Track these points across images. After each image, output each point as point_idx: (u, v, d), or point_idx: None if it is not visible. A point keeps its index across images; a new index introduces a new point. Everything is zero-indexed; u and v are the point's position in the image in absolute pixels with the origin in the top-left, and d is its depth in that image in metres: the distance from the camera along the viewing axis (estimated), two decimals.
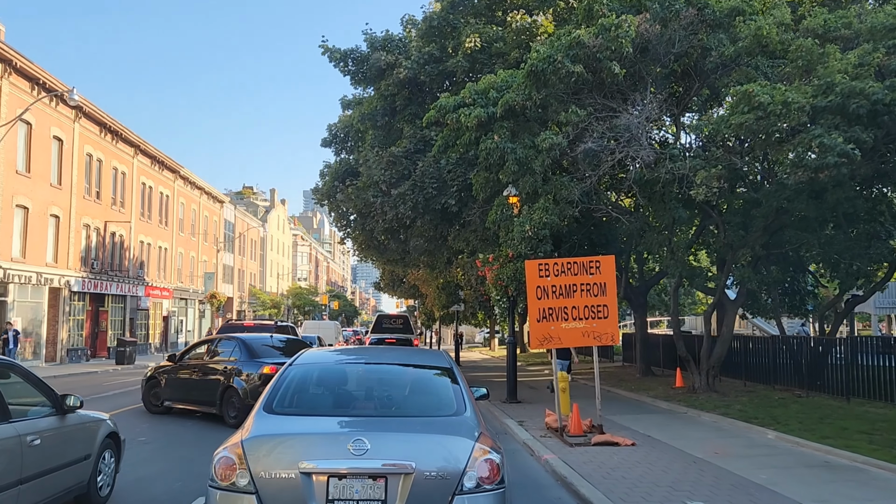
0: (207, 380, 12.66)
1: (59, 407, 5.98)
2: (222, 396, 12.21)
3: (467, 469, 4.14)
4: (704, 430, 11.68)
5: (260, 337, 13.71)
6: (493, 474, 4.20)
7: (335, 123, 23.44)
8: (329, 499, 4.06)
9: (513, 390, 16.10)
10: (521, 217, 14.24)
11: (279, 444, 4.32)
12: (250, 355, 12.40)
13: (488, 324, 57.72)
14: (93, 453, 6.36)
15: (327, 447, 4.27)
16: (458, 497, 4.08)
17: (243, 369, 12.18)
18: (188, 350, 13.88)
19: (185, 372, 13.15)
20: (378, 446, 4.15)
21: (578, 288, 10.75)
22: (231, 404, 12.12)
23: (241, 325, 18.57)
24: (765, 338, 19.40)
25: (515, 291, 15.47)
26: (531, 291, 10.81)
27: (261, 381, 11.83)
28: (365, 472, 4.08)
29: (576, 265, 10.81)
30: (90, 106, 34.13)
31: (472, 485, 4.13)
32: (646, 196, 13.53)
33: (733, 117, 11.90)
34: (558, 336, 10.71)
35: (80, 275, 33.98)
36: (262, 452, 4.19)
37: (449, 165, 17.67)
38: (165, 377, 13.43)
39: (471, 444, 4.27)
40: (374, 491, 4.07)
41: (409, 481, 4.06)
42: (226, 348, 12.89)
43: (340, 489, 4.08)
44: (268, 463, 4.13)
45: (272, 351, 12.80)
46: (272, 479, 4.08)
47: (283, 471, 4.09)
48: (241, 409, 11.84)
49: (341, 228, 23.37)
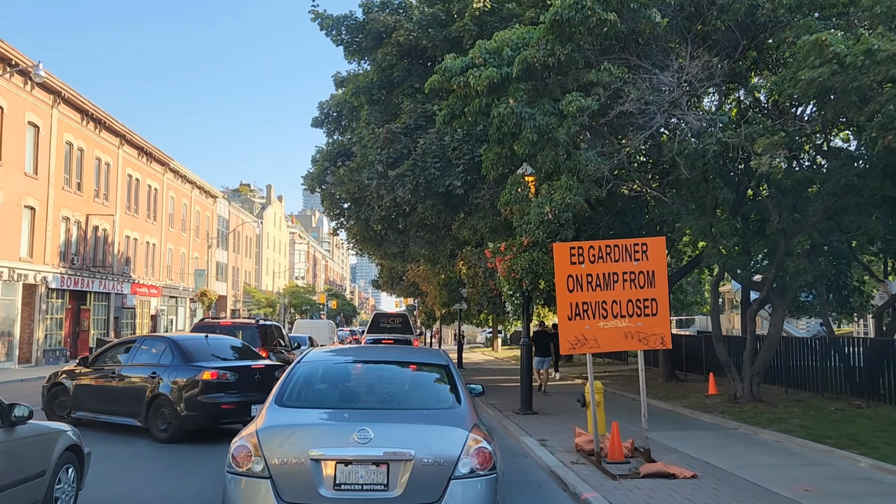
0: (130, 386, 10.59)
1: (5, 418, 5.43)
2: (149, 406, 10.19)
3: (462, 457, 4.48)
4: (772, 453, 9.52)
5: (195, 337, 11.71)
6: (486, 462, 4.53)
7: (327, 101, 21.21)
8: (336, 483, 4.41)
9: (527, 399, 13.96)
10: (539, 198, 12.09)
11: (291, 434, 4.68)
12: (184, 358, 10.40)
13: (490, 323, 55.60)
14: (49, 469, 5.83)
15: (334, 436, 4.63)
16: (453, 482, 4.40)
17: (175, 375, 10.17)
18: (104, 351, 11.71)
19: (101, 378, 11.03)
20: (380, 436, 4.50)
21: (620, 277, 8.60)
22: (160, 415, 10.13)
23: (217, 323, 16.39)
24: (810, 339, 17.25)
25: (531, 285, 13.35)
26: (561, 282, 8.66)
27: (199, 389, 9.92)
28: (369, 458, 4.44)
29: (617, 249, 8.66)
30: (69, 91, 31.96)
31: (466, 471, 4.46)
32: (689, 167, 11.35)
33: (802, 72, 9.76)
34: (594, 338, 8.56)
35: (58, 271, 31.87)
36: (276, 441, 4.55)
37: (454, 142, 15.48)
38: (75, 383, 11.30)
39: (465, 434, 4.60)
40: (378, 476, 4.41)
41: (408, 467, 4.41)
42: (153, 350, 10.83)
43: (347, 474, 4.42)
44: (281, 451, 4.49)
45: (210, 354, 10.80)
46: (285, 465, 4.44)
47: (294, 458, 4.45)
48: (173, 421, 9.94)
49: (334, 217, 21.17)
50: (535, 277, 13.21)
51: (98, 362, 11.38)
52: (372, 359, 6.42)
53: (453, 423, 4.78)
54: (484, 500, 4.46)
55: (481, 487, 4.45)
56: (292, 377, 5.50)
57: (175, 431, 9.99)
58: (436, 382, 5.66)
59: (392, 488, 4.38)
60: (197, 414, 9.94)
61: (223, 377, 10.10)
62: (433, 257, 23.04)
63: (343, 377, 5.92)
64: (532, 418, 13.19)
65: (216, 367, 10.14)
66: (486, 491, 4.48)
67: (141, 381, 10.47)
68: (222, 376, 10.09)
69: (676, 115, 10.98)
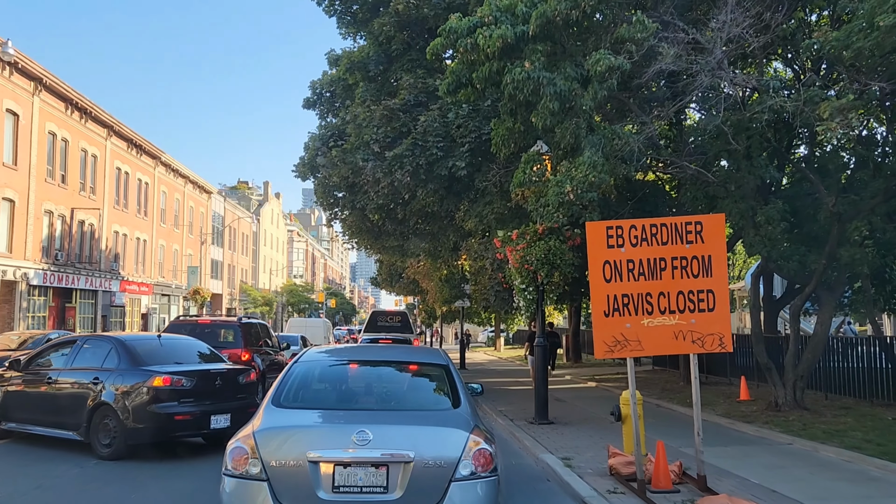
0: (69, 394, 9.02)
1: None
2: (91, 417, 8.64)
3: (462, 458, 4.42)
4: (851, 479, 7.86)
5: (145, 338, 10.20)
6: (487, 463, 4.46)
7: (319, 80, 19.48)
8: (335, 485, 4.36)
9: (543, 408, 12.32)
10: (558, 176, 10.44)
11: (289, 436, 4.58)
12: (132, 362, 8.84)
13: (493, 321, 53.94)
14: None
15: (333, 438, 4.54)
16: (453, 483, 4.34)
17: (121, 380, 8.61)
18: (39, 353, 10.10)
19: (36, 383, 9.46)
20: (379, 437, 4.44)
21: (669, 264, 6.96)
22: (104, 428, 8.58)
23: (195, 321, 14.74)
24: (854, 339, 15.61)
25: (547, 278, 11.72)
26: (596, 270, 7.02)
27: (149, 398, 8.37)
28: (368, 460, 4.38)
29: (665, 229, 7.02)
30: (51, 78, 30.34)
31: (466, 473, 4.40)
32: (738, 139, 9.71)
33: (881, 17, 8.13)
34: (637, 338, 6.93)
35: (40, 266, 30.30)
36: (273, 443, 4.46)
37: (458, 119, 13.81)
38: (4, 389, 9.76)
39: (465, 436, 4.53)
40: (377, 478, 4.36)
41: (408, 469, 4.36)
42: (97, 352, 9.21)
43: (345, 476, 4.37)
44: (278, 453, 4.41)
45: (164, 357, 9.24)
46: (282, 467, 4.36)
47: (292, 460, 4.38)
48: (118, 435, 8.38)
49: (327, 207, 19.47)
50: (551, 269, 11.59)
51: (33, 365, 9.74)
52: (370, 358, 6.25)
53: (453, 425, 4.74)
54: (485, 503, 4.41)
55: (482, 490, 4.41)
56: (289, 377, 5.37)
57: (120, 447, 8.38)
58: (435, 383, 5.59)
59: (392, 491, 4.34)
60: (146, 426, 8.36)
61: (177, 383, 8.48)
62: (434, 251, 21.38)
63: (341, 377, 5.82)
64: (549, 430, 11.57)
65: (169, 371, 8.54)
66: (487, 493, 4.43)
67: (81, 388, 8.86)
68: (176, 382, 8.46)
69: (721, 78, 9.34)
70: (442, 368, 5.62)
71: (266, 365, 15.23)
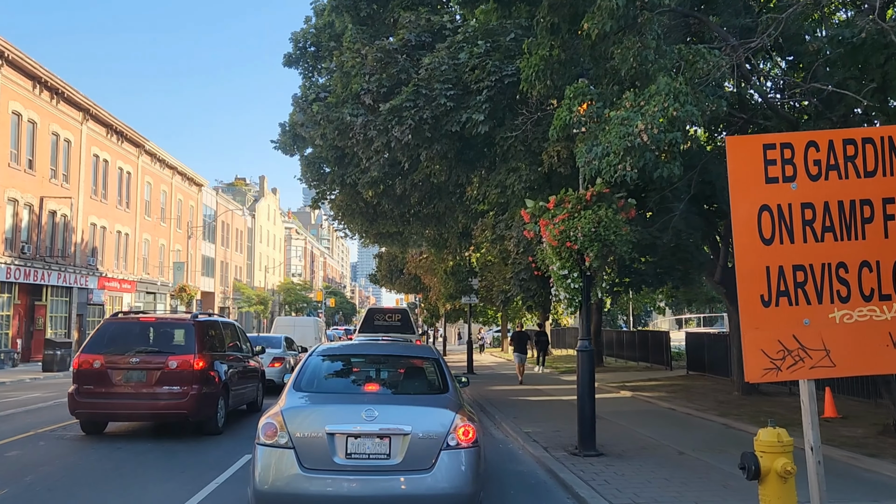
0: None
1: None
2: None
3: (450, 432, 5.47)
4: None
5: None
6: (470, 437, 5.50)
7: (302, 31, 16.21)
8: (348, 452, 5.39)
9: (590, 433, 9.21)
10: (624, 111, 7.35)
11: (310, 413, 5.68)
12: None
13: (499, 320, 50.81)
14: None
15: (346, 415, 5.54)
16: (443, 452, 5.40)
17: None
18: None
19: None
20: (383, 415, 5.49)
21: (877, 210, 3.89)
22: None
23: (137, 319, 11.58)
24: None
25: (597, 260, 8.66)
26: (745, 222, 3.92)
27: None
28: (374, 433, 5.42)
29: (872, 148, 3.89)
30: (14, 52, 27.34)
31: (453, 444, 5.44)
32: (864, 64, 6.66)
33: None
34: (821, 345, 3.82)
35: (4, 261, 27.37)
36: (297, 419, 5.52)
37: (473, 59, 10.67)
38: None
39: (452, 415, 5.59)
40: (381, 447, 5.41)
41: (406, 440, 5.40)
42: None
43: (356, 445, 5.41)
44: (302, 426, 5.47)
45: None
46: (305, 438, 5.41)
47: (313, 432, 5.44)
48: None
49: (314, 186, 16.37)
50: (602, 248, 8.53)
51: None
52: (373, 352, 7.39)
53: (443, 406, 5.76)
54: (468, 466, 5.42)
55: (466, 457, 5.43)
56: (307, 367, 6.43)
57: None
58: (428, 373, 6.61)
59: (393, 457, 5.38)
60: None
61: None
62: (439, 238, 18.31)
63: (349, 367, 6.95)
64: (602, 466, 8.46)
65: None
66: (470, 460, 5.45)
67: None
68: None
69: None
70: (433, 362, 6.71)
71: (235, 373, 12.10)
